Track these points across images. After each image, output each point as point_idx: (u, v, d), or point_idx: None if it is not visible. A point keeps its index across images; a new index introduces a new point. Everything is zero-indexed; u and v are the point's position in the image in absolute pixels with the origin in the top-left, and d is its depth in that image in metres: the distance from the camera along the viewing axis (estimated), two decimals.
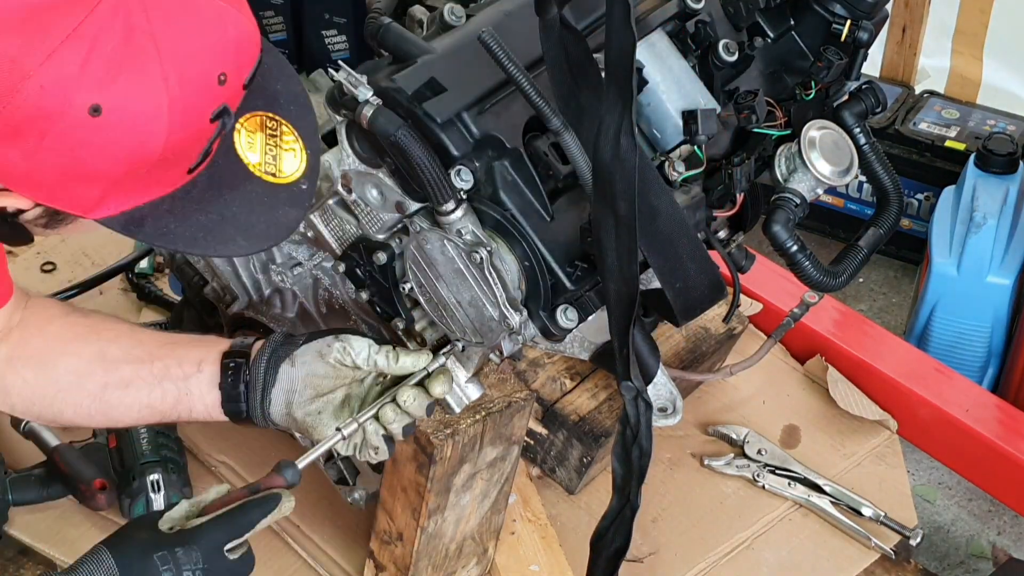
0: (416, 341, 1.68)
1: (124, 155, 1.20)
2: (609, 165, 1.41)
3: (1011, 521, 2.79)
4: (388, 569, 1.85)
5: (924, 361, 2.43)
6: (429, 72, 1.55)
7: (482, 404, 1.69)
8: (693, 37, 1.69)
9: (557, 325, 1.57)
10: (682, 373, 2.08)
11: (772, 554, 2.06)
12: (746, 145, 1.72)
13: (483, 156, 1.55)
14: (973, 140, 3.28)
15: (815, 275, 1.68)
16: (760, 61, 1.76)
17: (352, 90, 1.49)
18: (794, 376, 2.37)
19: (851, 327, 2.43)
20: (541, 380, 2.06)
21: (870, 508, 2.10)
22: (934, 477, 2.87)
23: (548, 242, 1.56)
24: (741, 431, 2.21)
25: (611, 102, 1.39)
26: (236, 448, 2.09)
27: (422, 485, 1.69)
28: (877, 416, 2.28)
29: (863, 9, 1.75)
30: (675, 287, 1.54)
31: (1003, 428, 2.27)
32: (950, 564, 2.69)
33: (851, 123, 1.75)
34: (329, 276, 1.76)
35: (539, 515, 2.01)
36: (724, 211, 1.69)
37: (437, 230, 1.55)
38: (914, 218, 3.39)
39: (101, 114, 1.16)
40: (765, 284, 2.39)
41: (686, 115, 1.62)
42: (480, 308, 1.56)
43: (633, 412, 1.53)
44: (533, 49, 1.51)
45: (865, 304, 3.39)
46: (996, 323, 2.97)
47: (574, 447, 2.03)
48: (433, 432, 1.65)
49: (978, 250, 2.94)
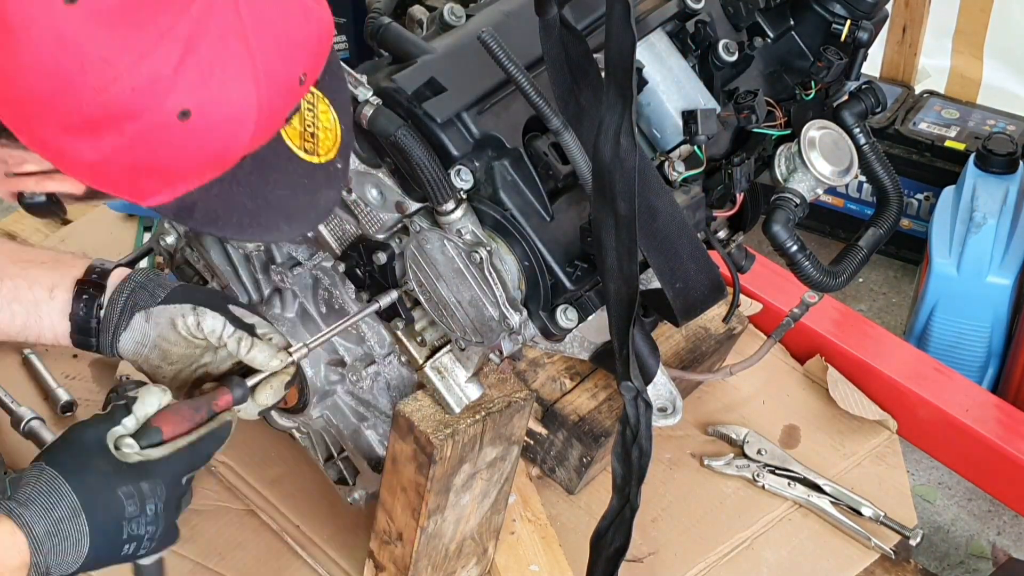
0: (416, 341, 1.68)
1: (204, 157, 1.17)
2: (609, 165, 1.41)
3: (1011, 521, 2.79)
4: (388, 569, 1.85)
5: (924, 361, 2.43)
6: (429, 72, 1.55)
7: (482, 404, 1.69)
8: (693, 37, 1.69)
9: (557, 325, 1.57)
10: (682, 373, 2.08)
11: (772, 554, 2.06)
12: (746, 145, 1.72)
13: (483, 156, 1.55)
14: (973, 140, 3.28)
15: (815, 275, 1.68)
16: (760, 61, 1.76)
17: (352, 90, 1.49)
18: (794, 376, 2.37)
19: (851, 327, 2.43)
20: (541, 380, 2.06)
21: (870, 508, 2.10)
22: (934, 477, 2.87)
23: (548, 242, 1.56)
24: (741, 431, 2.21)
25: (611, 102, 1.39)
26: (236, 448, 2.08)
27: (422, 485, 1.69)
28: (877, 416, 2.28)
29: (863, 9, 1.75)
30: (675, 287, 1.54)
31: (1003, 428, 2.27)
32: (950, 564, 2.69)
33: (851, 123, 1.75)
34: (329, 276, 1.76)
35: (539, 515, 2.01)
36: (724, 211, 1.70)
37: (437, 230, 1.55)
38: (914, 218, 3.39)
39: (190, 118, 1.12)
40: (765, 284, 2.39)
41: (686, 115, 1.62)
42: (480, 308, 1.56)
43: (633, 412, 1.53)
44: (533, 49, 1.51)
45: (865, 304, 3.39)
46: (996, 323, 2.97)
47: (574, 447, 2.03)
48: (433, 432, 1.65)
49: (978, 250, 2.94)
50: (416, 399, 1.69)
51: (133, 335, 1.52)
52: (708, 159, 1.64)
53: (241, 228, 1.28)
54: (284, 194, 1.28)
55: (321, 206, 1.33)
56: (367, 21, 1.61)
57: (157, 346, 1.52)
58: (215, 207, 1.24)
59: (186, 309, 1.50)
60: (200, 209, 1.24)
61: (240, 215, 1.26)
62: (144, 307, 1.51)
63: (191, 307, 1.51)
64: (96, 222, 2.63)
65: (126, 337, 1.52)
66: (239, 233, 1.30)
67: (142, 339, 1.52)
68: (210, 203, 1.24)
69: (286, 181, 1.28)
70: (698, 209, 1.63)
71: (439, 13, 1.66)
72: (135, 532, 1.35)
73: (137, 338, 1.52)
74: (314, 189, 1.31)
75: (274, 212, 1.28)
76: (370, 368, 1.78)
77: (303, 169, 1.29)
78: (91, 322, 1.51)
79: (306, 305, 1.81)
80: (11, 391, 2.12)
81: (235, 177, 1.23)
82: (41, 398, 2.20)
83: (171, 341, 1.52)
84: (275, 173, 1.26)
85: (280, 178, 1.27)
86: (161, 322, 1.51)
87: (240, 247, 1.82)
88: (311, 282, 1.80)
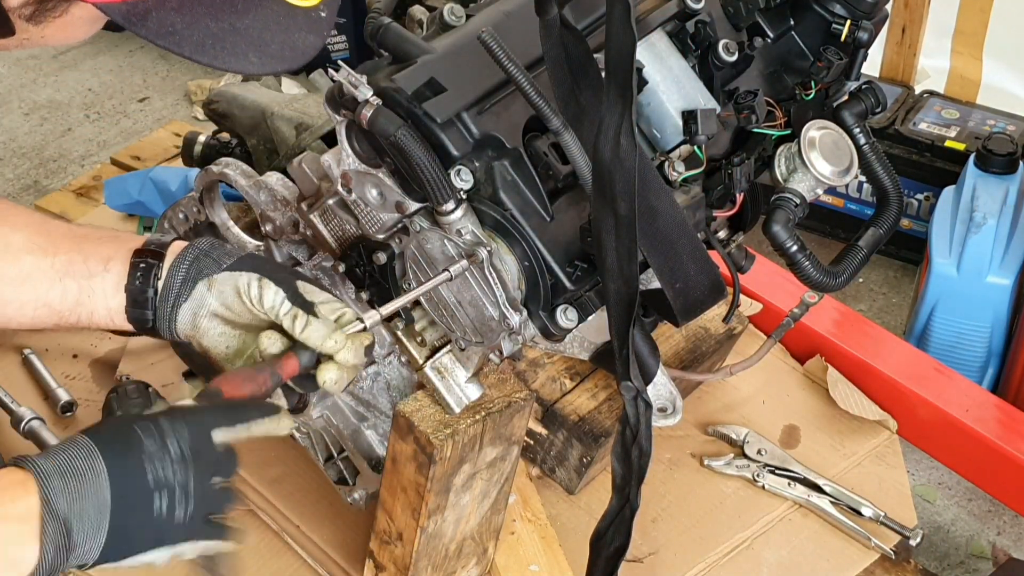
0: (416, 341, 1.68)
1: None
2: (609, 165, 1.41)
3: (1011, 521, 2.79)
4: (388, 569, 1.85)
5: (924, 361, 2.43)
6: (429, 72, 1.55)
7: (482, 404, 1.69)
8: (693, 37, 1.69)
9: (557, 325, 1.57)
10: (682, 373, 2.08)
11: (772, 554, 2.06)
12: (746, 145, 1.72)
13: (483, 156, 1.55)
14: (973, 140, 3.28)
15: (815, 275, 1.68)
16: (760, 61, 1.76)
17: (352, 90, 1.49)
18: (794, 376, 2.37)
19: (851, 327, 2.43)
20: (541, 380, 2.06)
21: (870, 508, 2.10)
22: (934, 477, 2.87)
23: (548, 242, 1.56)
24: (741, 431, 2.21)
25: (611, 102, 1.39)
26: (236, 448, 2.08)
27: (422, 485, 1.69)
28: (877, 416, 2.28)
29: (863, 9, 1.75)
30: (675, 287, 1.54)
31: (1003, 428, 2.27)
32: (950, 564, 2.69)
33: (851, 123, 1.75)
34: (329, 276, 1.76)
35: (539, 515, 2.01)
36: (724, 211, 1.70)
37: (437, 230, 1.55)
38: (914, 218, 3.39)
39: None
40: (765, 284, 2.39)
41: (686, 115, 1.62)
42: (480, 308, 1.56)
43: (633, 412, 1.53)
44: (533, 49, 1.51)
45: (865, 304, 3.39)
46: (996, 323, 2.97)
47: (574, 447, 2.03)
48: (433, 432, 1.65)
49: (978, 250, 2.94)
50: (416, 399, 1.69)
51: (192, 305, 1.42)
52: (708, 159, 1.64)
53: (202, 48, 1.19)
54: (254, 24, 1.22)
55: (299, 47, 1.25)
56: (367, 21, 1.60)
57: (218, 315, 1.42)
58: (172, 19, 1.17)
59: (252, 278, 1.42)
60: (154, 18, 1.17)
61: (202, 35, 1.19)
62: (209, 273, 1.42)
63: (257, 276, 1.42)
64: (96, 222, 2.63)
65: (186, 308, 1.42)
66: (199, 53, 1.20)
67: (201, 309, 1.42)
68: (166, 14, 1.17)
69: (257, 12, 1.22)
70: (698, 209, 1.63)
71: (439, 13, 1.66)
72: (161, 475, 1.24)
73: (196, 308, 1.42)
74: (290, 29, 1.24)
75: (241, 40, 1.21)
76: (370, 368, 1.78)
77: (279, 6, 1.24)
78: (147, 292, 1.42)
79: None
80: (11, 391, 2.12)
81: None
82: (41, 398, 2.20)
83: (234, 312, 1.43)
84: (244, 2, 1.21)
85: (250, 7, 1.21)
86: (225, 290, 1.42)
87: (240, 246, 1.81)
88: None
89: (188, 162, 2.38)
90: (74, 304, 1.44)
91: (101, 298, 1.43)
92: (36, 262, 1.42)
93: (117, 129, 4.13)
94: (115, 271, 1.43)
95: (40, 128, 4.14)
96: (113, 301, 1.43)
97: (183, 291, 1.42)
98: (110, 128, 4.14)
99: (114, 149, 3.87)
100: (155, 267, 1.43)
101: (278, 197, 1.73)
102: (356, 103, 1.49)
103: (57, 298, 1.43)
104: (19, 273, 1.42)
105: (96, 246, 1.45)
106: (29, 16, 1.19)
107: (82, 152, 4.03)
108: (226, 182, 1.78)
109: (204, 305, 1.43)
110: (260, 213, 1.75)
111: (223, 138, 2.30)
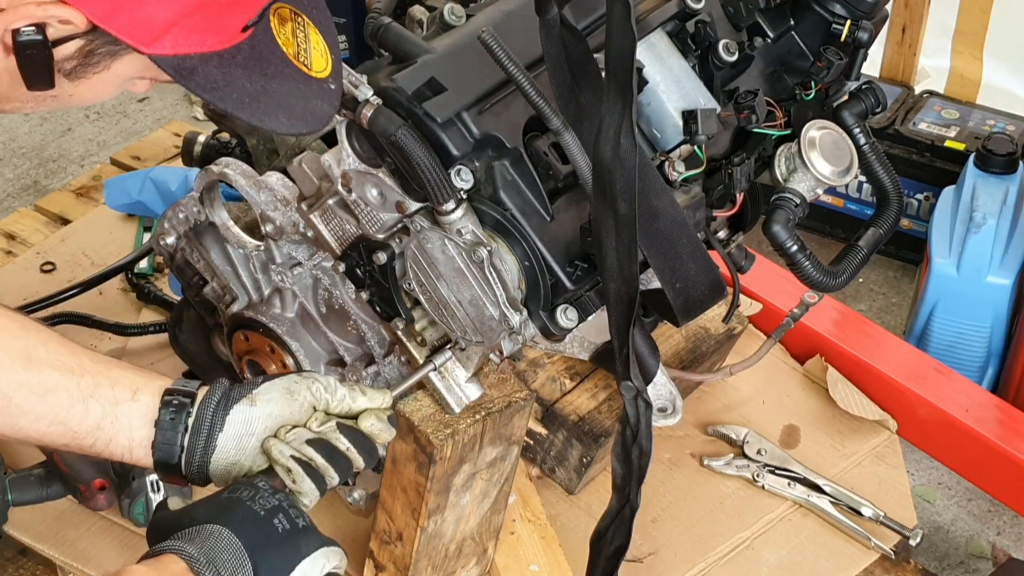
0: (416, 341, 1.68)
1: None
2: (609, 165, 1.41)
3: (1011, 521, 2.79)
4: (388, 569, 1.85)
5: (924, 361, 2.43)
6: (429, 72, 1.55)
7: (482, 404, 1.69)
8: (693, 37, 1.69)
9: (557, 325, 1.57)
10: (682, 373, 2.08)
11: (772, 554, 2.06)
12: (746, 145, 1.72)
13: (483, 156, 1.55)
14: (973, 140, 3.28)
15: (815, 275, 1.68)
16: (760, 61, 1.76)
17: (352, 90, 1.49)
18: (794, 376, 2.37)
19: (851, 327, 2.43)
20: (541, 380, 2.06)
21: (870, 508, 2.10)
22: (934, 477, 2.87)
23: (548, 242, 1.56)
24: (741, 431, 2.21)
25: (611, 102, 1.39)
26: None
27: (422, 485, 1.69)
28: (877, 416, 2.28)
29: (863, 9, 1.75)
30: (675, 287, 1.54)
31: (1003, 428, 2.27)
32: (950, 564, 2.69)
33: (851, 123, 1.76)
34: (329, 276, 1.76)
35: (539, 515, 2.01)
36: (724, 211, 1.70)
37: (437, 230, 1.55)
38: (914, 218, 3.39)
39: None
40: (765, 284, 2.39)
41: (686, 115, 1.62)
42: (480, 307, 1.56)
43: (633, 412, 1.53)
44: (533, 49, 1.51)
45: (865, 304, 3.39)
46: (996, 323, 2.97)
47: (574, 447, 2.03)
48: (433, 432, 1.65)
49: (978, 250, 2.94)
50: (416, 399, 1.69)
51: (234, 428, 1.42)
52: (708, 159, 1.64)
53: (241, 105, 1.31)
54: (281, 89, 1.33)
55: (317, 113, 1.37)
56: (367, 21, 1.61)
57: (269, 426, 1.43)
58: (215, 77, 1.29)
59: (296, 377, 1.46)
60: (200, 74, 1.28)
61: (240, 93, 1.30)
62: (244, 396, 1.43)
63: (299, 375, 1.47)
64: (96, 222, 2.63)
65: (224, 437, 1.42)
66: (239, 109, 1.32)
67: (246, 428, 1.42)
68: (209, 72, 1.28)
69: (282, 78, 1.33)
70: (698, 209, 1.63)
71: (439, 13, 1.66)
72: None
73: (239, 429, 1.42)
74: (308, 96, 1.36)
75: (272, 101, 1.33)
76: (370, 368, 1.78)
77: (297, 75, 1.35)
78: (179, 428, 1.41)
79: (306, 305, 1.81)
80: None
81: (233, 58, 1.30)
82: None
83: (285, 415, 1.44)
84: (271, 68, 1.32)
85: (277, 72, 1.33)
86: (273, 397, 1.44)
87: (240, 246, 1.82)
88: (311, 282, 1.80)
89: (188, 162, 2.38)
90: (94, 427, 1.41)
91: (126, 426, 1.42)
92: (61, 378, 1.40)
93: (117, 129, 4.13)
94: (143, 402, 1.42)
95: (40, 128, 4.14)
96: (138, 432, 1.42)
97: (217, 421, 1.42)
98: (110, 128, 4.14)
99: (114, 149, 3.86)
100: (187, 406, 1.42)
101: (278, 197, 1.73)
102: (356, 103, 1.49)
103: (77, 418, 1.40)
104: (41, 385, 1.39)
105: (124, 373, 1.44)
106: (69, 71, 1.25)
107: (82, 152, 4.03)
108: (226, 182, 1.78)
109: (251, 422, 1.43)
110: (260, 213, 1.75)
111: (223, 138, 2.30)
